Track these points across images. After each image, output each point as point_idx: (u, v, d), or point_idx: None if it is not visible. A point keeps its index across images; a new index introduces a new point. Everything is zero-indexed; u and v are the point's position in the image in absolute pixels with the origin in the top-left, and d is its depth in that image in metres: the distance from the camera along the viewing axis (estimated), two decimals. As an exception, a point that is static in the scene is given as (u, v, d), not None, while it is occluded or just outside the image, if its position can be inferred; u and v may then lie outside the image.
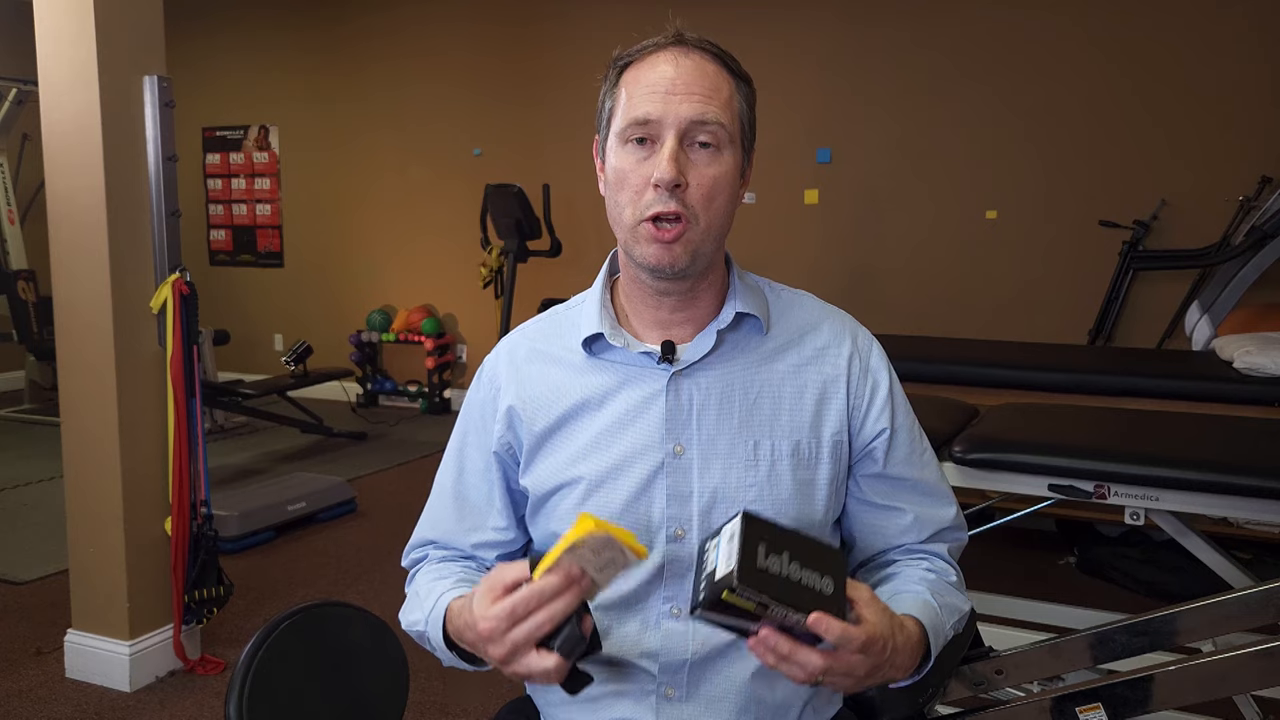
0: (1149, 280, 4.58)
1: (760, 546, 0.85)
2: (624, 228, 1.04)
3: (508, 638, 0.90)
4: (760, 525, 0.87)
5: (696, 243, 1.03)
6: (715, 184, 1.02)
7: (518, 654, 0.90)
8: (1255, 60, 4.34)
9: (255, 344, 7.00)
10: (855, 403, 1.11)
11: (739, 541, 0.85)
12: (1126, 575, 3.34)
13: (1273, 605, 1.41)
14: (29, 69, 2.84)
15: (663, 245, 1.01)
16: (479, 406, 1.17)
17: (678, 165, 0.99)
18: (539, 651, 0.90)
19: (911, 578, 1.10)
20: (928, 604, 1.05)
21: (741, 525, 0.86)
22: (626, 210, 1.03)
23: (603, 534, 0.86)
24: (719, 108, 1.01)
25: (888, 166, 5.16)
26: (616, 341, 1.09)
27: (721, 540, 0.88)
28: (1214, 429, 2.40)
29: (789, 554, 0.86)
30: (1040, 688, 1.51)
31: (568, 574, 0.88)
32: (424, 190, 6.38)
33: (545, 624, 0.89)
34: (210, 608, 2.73)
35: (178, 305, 2.60)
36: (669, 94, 1.00)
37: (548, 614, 0.88)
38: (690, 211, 1.01)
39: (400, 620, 1.15)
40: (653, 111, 1.00)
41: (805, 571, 0.87)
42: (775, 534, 0.87)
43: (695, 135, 1.01)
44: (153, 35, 2.58)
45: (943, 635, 1.06)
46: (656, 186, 1.00)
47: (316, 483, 4.16)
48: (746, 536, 0.85)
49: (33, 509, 4.20)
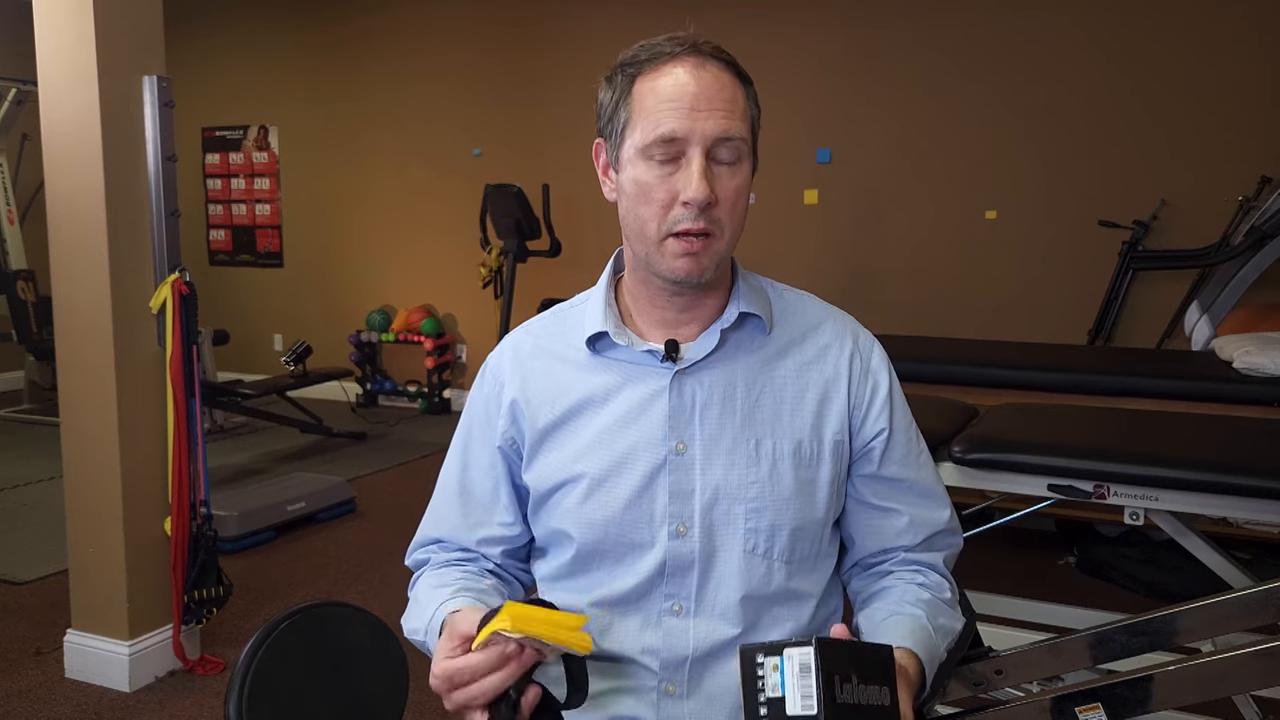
0: (1149, 280, 4.59)
1: (835, 679, 0.82)
2: (648, 241, 1.04)
3: (450, 698, 0.93)
4: (831, 652, 0.83)
5: (721, 253, 1.04)
6: (738, 195, 1.03)
7: (464, 711, 0.93)
8: (1255, 60, 4.35)
9: (255, 344, 7.00)
10: (855, 403, 1.12)
11: (818, 679, 0.81)
12: (1126, 575, 3.34)
13: (1273, 605, 1.41)
14: (29, 69, 2.84)
15: (691, 258, 1.02)
16: (483, 402, 1.18)
17: (709, 184, 1.00)
18: (482, 713, 0.92)
19: (907, 597, 1.11)
20: (924, 628, 1.06)
21: (818, 658, 0.82)
22: (651, 225, 1.03)
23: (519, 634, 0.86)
24: (739, 121, 1.02)
25: (887, 167, 5.16)
26: (620, 340, 1.09)
27: (788, 666, 0.83)
28: (1213, 429, 2.40)
29: (855, 675, 0.84)
30: (1040, 688, 1.51)
31: (501, 652, 0.90)
32: (424, 190, 6.38)
33: (479, 697, 0.91)
34: (210, 608, 2.73)
35: (177, 305, 2.60)
36: (693, 110, 1.00)
37: (480, 689, 0.91)
38: (718, 225, 1.02)
39: (402, 626, 1.15)
40: (679, 129, 1.00)
41: (868, 689, 0.85)
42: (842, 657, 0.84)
43: (718, 151, 1.01)
44: (152, 35, 2.58)
45: (937, 659, 1.07)
46: (686, 204, 1.00)
47: (316, 483, 4.16)
48: (824, 671, 0.81)
49: (32, 509, 4.20)
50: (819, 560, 1.12)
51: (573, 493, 1.09)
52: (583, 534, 1.08)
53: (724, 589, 1.06)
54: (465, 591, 1.09)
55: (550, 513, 1.11)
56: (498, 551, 1.18)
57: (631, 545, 1.07)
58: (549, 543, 1.15)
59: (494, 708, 0.91)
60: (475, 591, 1.09)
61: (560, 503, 1.10)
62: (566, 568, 1.12)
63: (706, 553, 1.06)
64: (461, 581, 1.12)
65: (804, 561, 1.10)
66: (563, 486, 1.10)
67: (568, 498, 1.09)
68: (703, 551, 1.06)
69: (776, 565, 1.08)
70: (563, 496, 1.10)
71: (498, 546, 1.17)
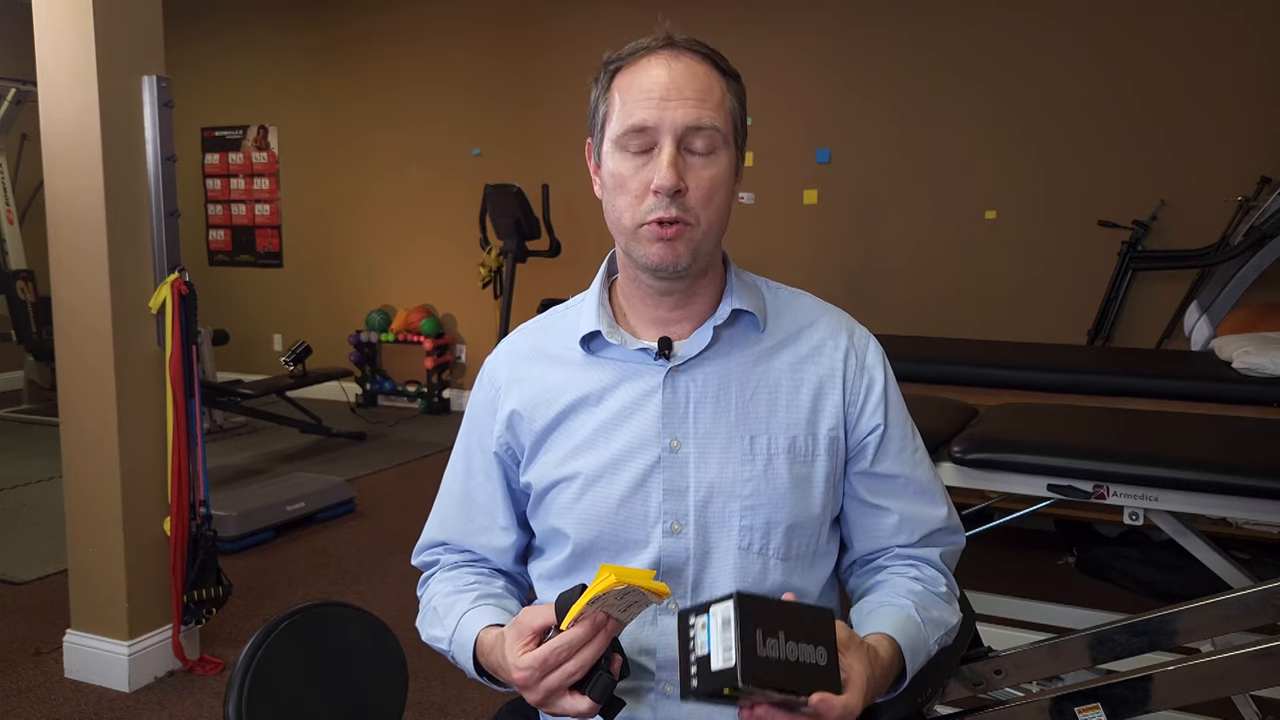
0: (1148, 280, 4.59)
1: (758, 633, 0.81)
2: (624, 231, 1.05)
3: (541, 685, 0.93)
4: (754, 606, 0.83)
5: (697, 241, 1.04)
6: (713, 185, 1.03)
7: (552, 698, 0.93)
8: (1255, 60, 4.35)
9: (254, 344, 7.00)
10: (851, 398, 1.12)
11: (737, 631, 0.81)
12: (1125, 575, 3.34)
13: (1272, 605, 1.41)
14: (28, 69, 2.84)
15: (665, 244, 1.02)
16: (480, 407, 1.19)
17: (677, 171, 1.00)
18: (572, 694, 0.93)
19: (898, 589, 1.11)
20: (910, 619, 1.06)
21: (737, 611, 0.82)
22: (626, 215, 1.04)
23: (623, 586, 0.87)
24: (712, 111, 1.02)
25: (887, 167, 5.16)
26: (614, 339, 1.10)
27: (713, 623, 0.83)
28: (1213, 429, 2.40)
29: (783, 632, 0.83)
30: (1039, 688, 1.51)
31: (593, 623, 0.91)
32: (423, 190, 6.38)
33: (576, 672, 0.92)
34: (209, 608, 2.73)
35: (177, 305, 2.60)
36: (664, 100, 1.01)
37: (578, 663, 0.92)
38: (691, 214, 1.02)
39: (419, 630, 1.17)
40: (649, 118, 1.01)
41: (800, 647, 0.84)
42: (768, 613, 0.83)
43: (691, 140, 1.02)
44: (152, 35, 2.58)
45: (924, 651, 1.06)
46: (656, 193, 1.01)
47: (316, 483, 4.16)
48: (744, 623, 0.81)
49: (32, 509, 4.19)
50: (816, 558, 1.12)
51: (567, 490, 1.09)
52: (578, 532, 1.09)
53: (719, 587, 1.06)
54: (484, 599, 1.11)
55: (547, 511, 1.12)
56: (500, 554, 1.19)
57: (626, 543, 1.07)
58: (546, 541, 1.15)
59: (588, 684, 0.92)
60: (492, 597, 1.12)
61: (556, 500, 1.11)
62: (562, 566, 1.12)
63: (701, 550, 1.06)
64: (477, 588, 1.14)
65: (800, 559, 1.10)
66: (558, 484, 1.10)
67: (563, 495, 1.10)
68: (697, 549, 1.06)
69: (772, 562, 1.07)
70: (558, 494, 1.10)
71: (500, 550, 1.19)
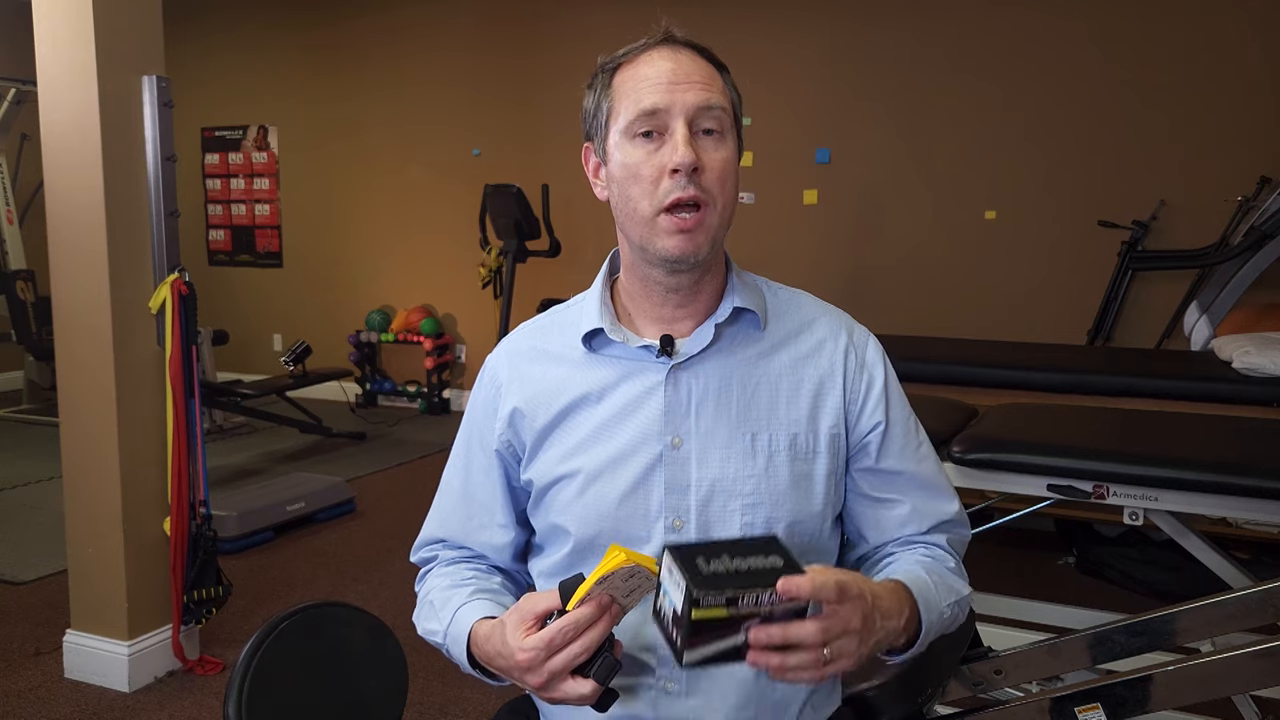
0: (1148, 280, 4.59)
1: (698, 560, 0.86)
2: (640, 222, 1.05)
3: (545, 667, 0.93)
4: (688, 546, 0.89)
5: (715, 228, 1.05)
6: (725, 167, 1.05)
7: (554, 681, 0.93)
8: (1255, 60, 4.35)
9: (254, 344, 7.00)
10: (851, 396, 1.12)
11: (678, 567, 0.86)
12: (1125, 575, 3.34)
13: (1271, 605, 1.41)
14: (28, 69, 2.84)
15: (685, 235, 1.03)
16: (482, 405, 1.19)
17: (694, 149, 1.01)
18: (575, 679, 0.93)
19: (906, 560, 1.12)
20: (919, 577, 1.06)
21: (670, 555, 0.87)
22: (642, 203, 1.04)
23: (631, 564, 0.89)
24: (719, 94, 1.05)
25: (887, 166, 5.16)
26: (616, 336, 1.10)
27: (664, 585, 0.88)
28: (1213, 429, 2.40)
29: (727, 555, 0.88)
30: (1039, 688, 1.51)
31: (599, 604, 0.92)
32: (423, 190, 6.38)
33: (581, 654, 0.92)
34: (209, 608, 2.73)
35: (176, 305, 2.60)
36: (672, 84, 1.03)
37: (583, 644, 0.92)
38: (708, 195, 1.03)
39: (415, 625, 1.16)
40: (660, 102, 1.02)
41: (750, 559, 0.88)
42: (706, 547, 0.89)
43: (702, 121, 1.03)
44: (151, 35, 2.58)
45: (936, 608, 1.05)
46: (675, 172, 1.01)
47: (315, 483, 4.16)
48: (681, 559, 0.86)
49: (32, 509, 4.19)
50: (817, 556, 1.12)
51: (569, 487, 1.10)
52: (579, 528, 1.09)
53: None
54: (480, 593, 1.11)
55: (548, 508, 1.12)
56: (498, 552, 1.19)
57: (627, 539, 1.07)
58: (546, 538, 1.15)
59: (591, 667, 0.93)
60: (489, 592, 1.12)
61: (557, 497, 1.11)
62: (563, 562, 1.12)
63: None
64: (474, 582, 1.14)
65: (802, 556, 1.10)
66: (560, 481, 1.10)
67: (564, 492, 1.10)
68: None
69: None
70: (559, 491, 1.11)
71: (498, 547, 1.19)
